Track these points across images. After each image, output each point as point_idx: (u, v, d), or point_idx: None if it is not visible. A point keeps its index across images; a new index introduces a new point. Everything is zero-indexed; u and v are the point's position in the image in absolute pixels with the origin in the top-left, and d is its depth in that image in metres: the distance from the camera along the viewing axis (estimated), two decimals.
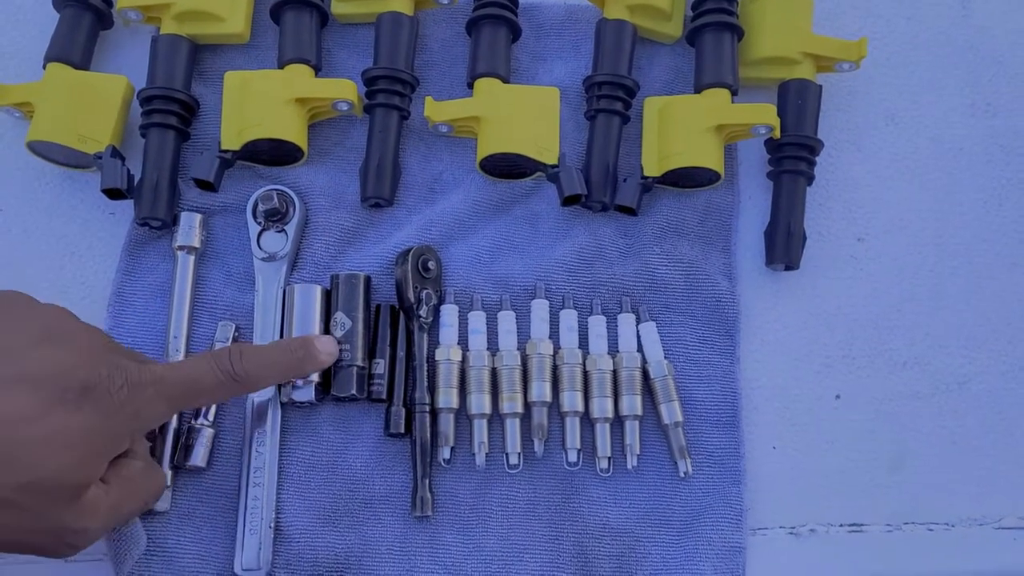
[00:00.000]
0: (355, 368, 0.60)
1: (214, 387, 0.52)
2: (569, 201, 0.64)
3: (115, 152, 0.62)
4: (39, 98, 0.63)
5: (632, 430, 0.61)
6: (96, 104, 0.64)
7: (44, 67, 0.65)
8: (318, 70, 0.66)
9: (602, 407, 0.61)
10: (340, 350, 0.60)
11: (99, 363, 0.48)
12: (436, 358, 0.61)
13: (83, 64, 0.66)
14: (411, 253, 0.62)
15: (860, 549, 0.61)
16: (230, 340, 0.61)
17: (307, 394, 0.60)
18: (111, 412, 0.48)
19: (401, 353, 0.62)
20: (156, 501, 0.55)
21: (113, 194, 0.63)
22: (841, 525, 0.61)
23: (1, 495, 0.45)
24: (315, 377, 0.60)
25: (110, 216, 0.66)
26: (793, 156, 0.66)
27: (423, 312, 0.62)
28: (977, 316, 0.66)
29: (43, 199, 0.66)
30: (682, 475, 0.61)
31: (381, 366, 0.61)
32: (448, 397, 0.60)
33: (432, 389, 0.61)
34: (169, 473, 0.58)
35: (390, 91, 0.65)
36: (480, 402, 0.60)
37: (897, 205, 0.69)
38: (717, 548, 0.60)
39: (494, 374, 0.62)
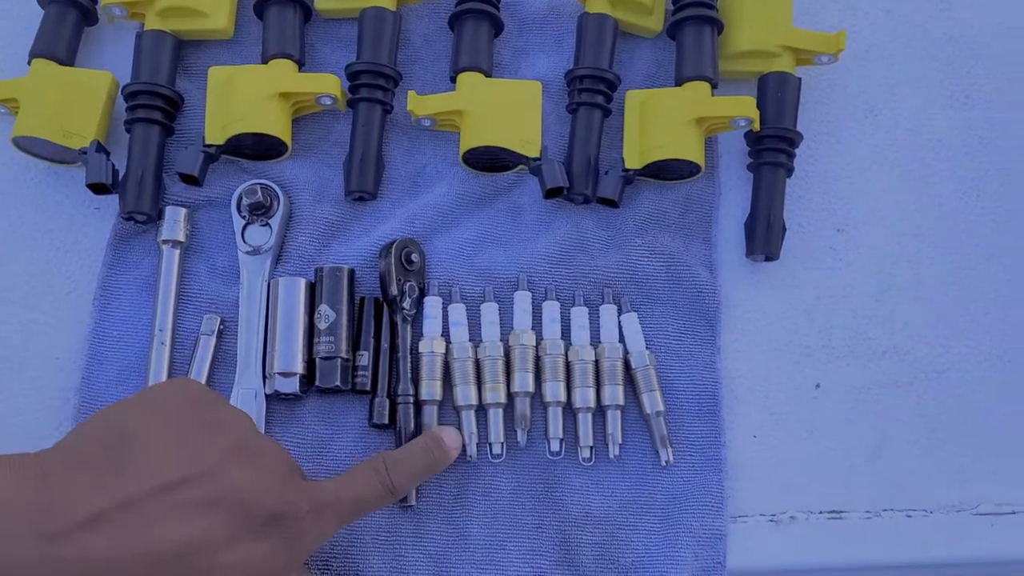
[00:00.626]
0: (339, 360, 0.61)
1: (376, 502, 0.53)
2: (551, 194, 0.65)
3: (100, 147, 0.63)
4: (24, 94, 0.64)
5: (614, 420, 0.62)
6: (81, 100, 0.64)
7: (29, 63, 0.65)
8: (301, 65, 0.67)
9: (584, 397, 0.62)
10: (324, 342, 0.61)
11: (288, 488, 0.47)
12: (420, 350, 0.62)
13: (68, 60, 0.66)
14: (394, 246, 0.63)
15: (840, 536, 0.62)
16: (215, 333, 0.62)
17: (291, 386, 0.60)
18: (295, 539, 0.47)
19: (385, 345, 0.62)
20: None
21: (98, 189, 0.63)
22: (821, 512, 0.62)
23: None
24: (299, 368, 0.60)
25: (95, 211, 0.66)
26: (773, 148, 0.66)
27: (406, 304, 0.62)
28: (955, 306, 0.67)
29: (28, 194, 0.66)
30: (663, 464, 0.62)
31: (365, 358, 0.62)
32: (431, 389, 0.61)
33: (416, 380, 0.61)
34: None
35: (373, 85, 0.66)
36: (466, 393, 0.61)
37: (876, 196, 0.70)
38: (698, 535, 0.60)
39: (477, 365, 0.62)
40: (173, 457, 0.45)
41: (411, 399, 0.61)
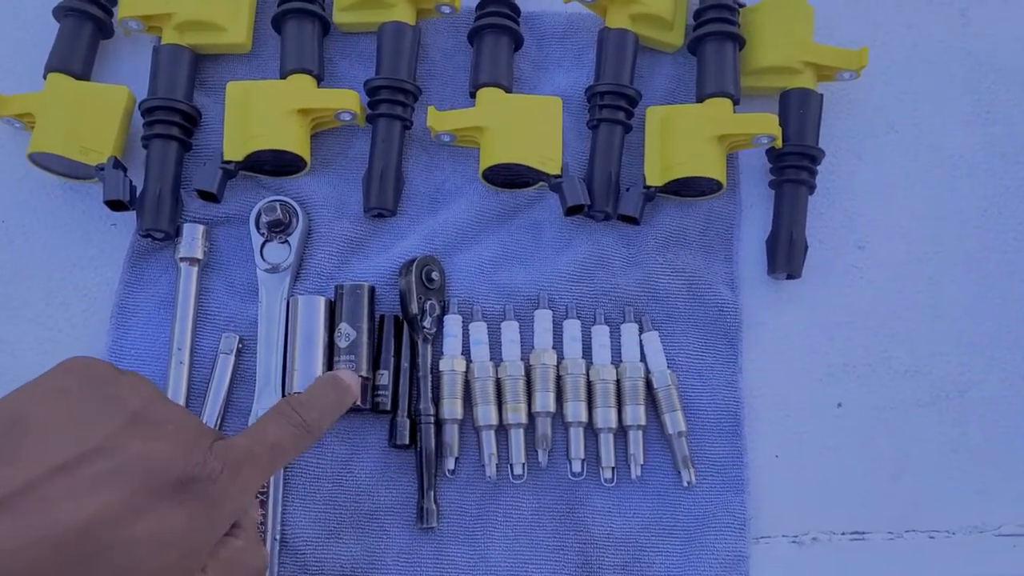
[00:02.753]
0: (359, 379, 0.60)
1: (294, 444, 0.50)
2: (572, 211, 0.64)
3: (117, 163, 0.62)
4: (40, 109, 0.63)
5: (636, 440, 0.61)
6: (97, 115, 0.64)
7: (45, 77, 0.65)
8: (320, 80, 0.66)
9: (606, 417, 0.61)
10: (345, 361, 0.60)
11: (195, 451, 0.45)
12: (440, 368, 0.62)
13: (84, 74, 0.66)
14: (415, 264, 0.62)
15: (862, 557, 0.61)
16: (234, 352, 0.61)
17: None
18: (212, 502, 0.45)
19: (405, 364, 0.62)
20: None
21: (115, 206, 0.62)
22: (843, 533, 0.62)
23: None
24: None
25: (112, 227, 0.65)
26: (794, 165, 0.66)
27: (427, 323, 0.62)
28: (977, 324, 0.67)
29: (44, 210, 0.66)
30: (685, 484, 0.61)
31: (385, 377, 0.61)
32: (452, 408, 0.61)
33: (436, 400, 0.61)
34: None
35: (392, 101, 0.65)
36: (487, 413, 0.61)
37: (898, 213, 0.69)
38: (721, 557, 0.60)
39: (498, 384, 0.62)
40: (68, 436, 0.43)
41: (432, 419, 0.60)
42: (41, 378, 0.47)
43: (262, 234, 0.64)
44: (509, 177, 0.66)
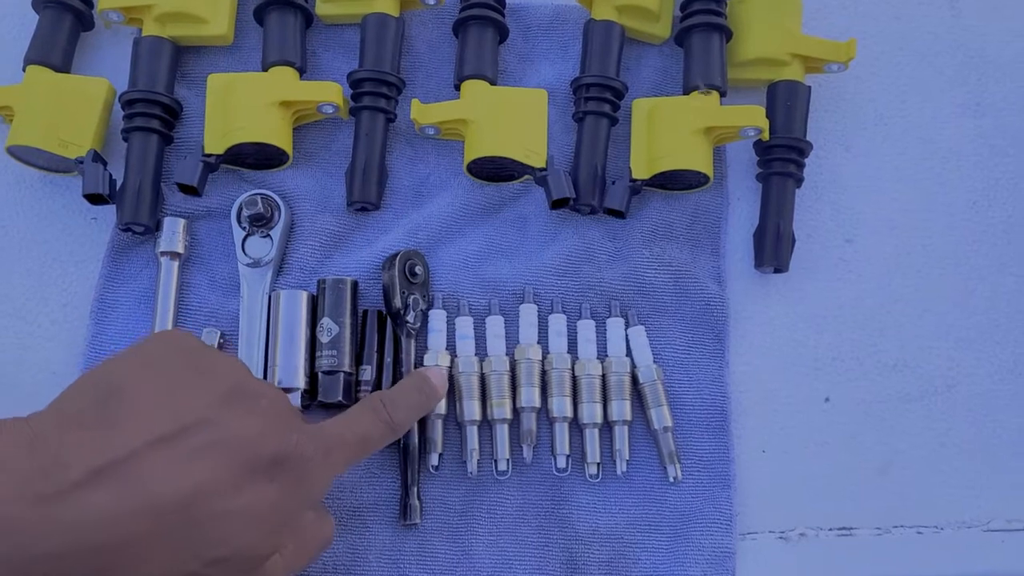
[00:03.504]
0: (342, 374, 0.60)
1: (380, 439, 0.52)
2: (557, 204, 0.64)
3: (97, 156, 0.62)
4: (18, 101, 0.62)
5: (621, 435, 0.61)
6: (77, 107, 0.63)
7: (24, 69, 0.64)
8: (303, 72, 0.66)
9: (591, 412, 0.61)
10: (327, 356, 0.60)
11: (289, 429, 0.46)
12: (424, 363, 0.61)
13: (64, 67, 0.65)
14: (398, 258, 0.61)
15: (849, 553, 0.61)
16: (215, 347, 0.60)
17: (294, 400, 0.59)
18: (302, 483, 0.46)
19: (388, 359, 0.61)
20: (325, 550, 0.52)
21: (95, 199, 0.62)
22: (830, 529, 0.61)
23: (191, 568, 0.43)
24: (301, 384, 0.59)
25: (92, 221, 0.65)
26: (782, 158, 0.65)
27: (410, 317, 0.61)
28: (966, 318, 0.66)
29: (23, 204, 0.65)
30: (671, 480, 0.61)
31: (368, 372, 0.61)
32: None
33: None
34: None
35: (376, 93, 0.64)
36: (471, 408, 0.60)
37: (886, 206, 0.69)
38: (707, 553, 0.59)
39: (483, 380, 0.61)
40: (166, 407, 0.44)
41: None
42: (136, 348, 0.47)
43: (244, 228, 0.63)
44: (494, 170, 0.65)
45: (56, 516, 0.39)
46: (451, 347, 0.62)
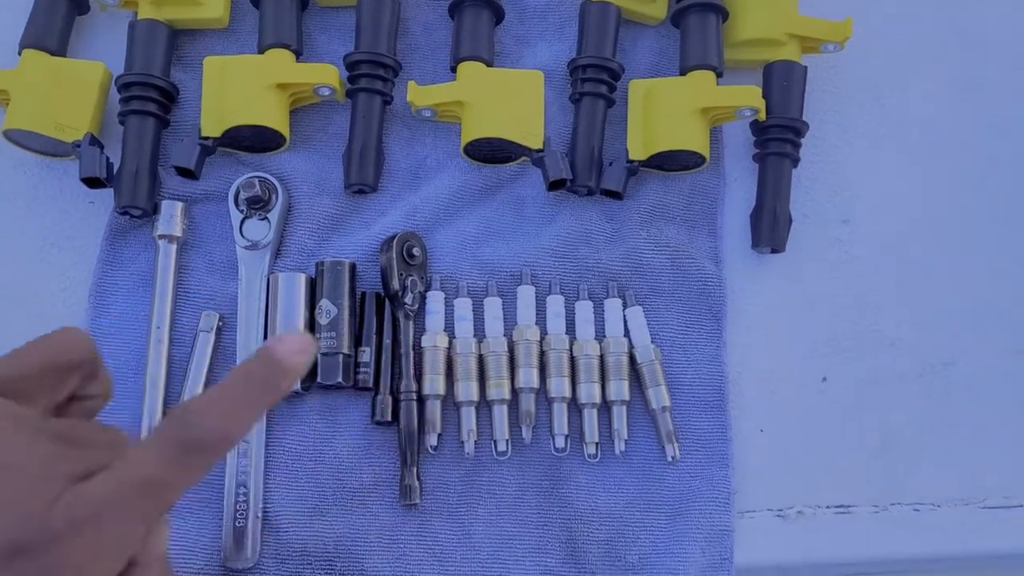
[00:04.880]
0: (341, 356, 0.60)
1: (180, 474, 0.38)
2: (555, 186, 0.64)
3: (94, 140, 0.62)
4: (15, 86, 0.62)
5: (619, 415, 0.61)
6: (73, 91, 0.63)
7: (19, 53, 0.64)
8: (299, 55, 0.66)
9: (589, 393, 0.61)
10: (326, 338, 0.60)
11: (33, 507, 0.35)
12: (422, 345, 0.61)
13: (59, 50, 0.65)
14: (396, 240, 0.62)
15: (847, 530, 0.61)
16: (214, 330, 0.60)
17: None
18: (56, 568, 0.35)
19: (387, 341, 0.61)
20: None
21: (92, 183, 0.62)
22: (828, 507, 0.62)
23: None
24: None
25: (89, 205, 0.65)
26: (778, 138, 0.66)
27: (408, 299, 0.61)
28: (963, 297, 0.66)
29: (20, 188, 0.65)
30: (670, 459, 0.61)
31: (367, 354, 0.61)
32: (434, 384, 0.60)
33: (419, 376, 0.61)
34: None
35: (372, 76, 0.64)
36: (468, 389, 0.60)
37: (882, 186, 0.69)
38: (705, 531, 0.60)
39: (481, 361, 0.61)
40: None
41: (414, 396, 0.60)
42: None
43: (241, 211, 0.63)
44: (491, 152, 0.65)
45: None
46: (449, 328, 0.62)
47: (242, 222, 0.63)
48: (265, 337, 0.61)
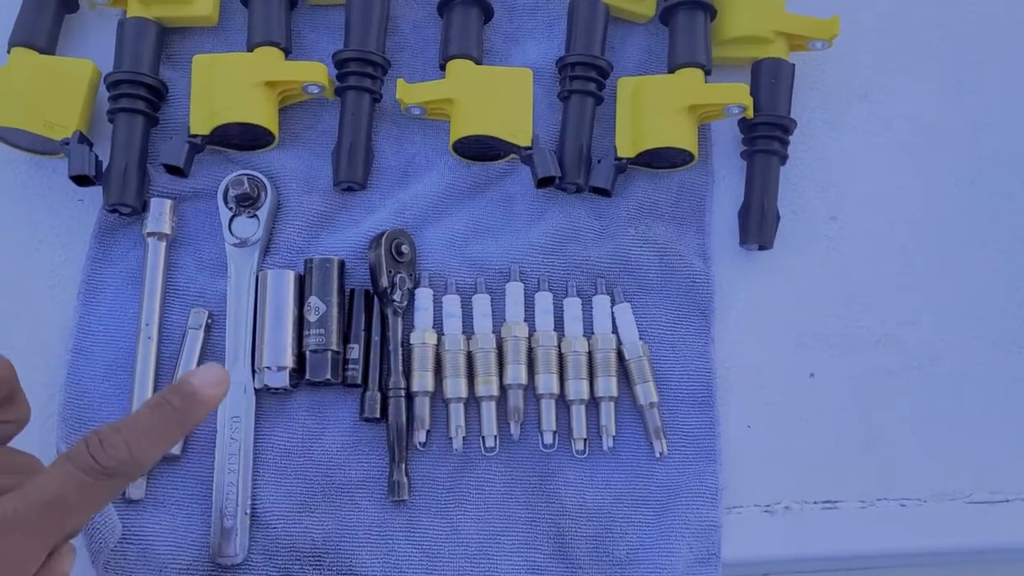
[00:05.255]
0: (330, 353, 0.60)
1: (84, 496, 0.40)
2: (543, 183, 0.64)
3: (82, 138, 0.62)
4: (3, 83, 0.62)
5: (607, 411, 0.61)
6: (62, 89, 0.63)
7: (8, 51, 0.64)
8: (288, 52, 0.66)
9: (577, 389, 0.61)
10: (315, 335, 0.60)
11: None
12: (411, 342, 0.61)
13: (48, 48, 0.65)
14: (384, 237, 0.62)
15: (834, 525, 0.61)
16: (203, 327, 0.61)
17: (281, 380, 0.59)
18: None
19: (376, 337, 0.61)
20: None
21: (81, 181, 0.62)
22: (815, 502, 0.62)
23: None
24: (289, 362, 0.59)
25: (78, 203, 0.65)
26: (766, 136, 0.66)
27: (397, 296, 0.61)
28: (949, 293, 0.67)
29: (9, 186, 0.65)
30: (658, 455, 0.61)
31: (356, 351, 0.61)
32: (423, 380, 0.60)
33: (407, 373, 0.61)
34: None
35: (361, 73, 0.64)
36: (456, 386, 0.60)
37: (870, 183, 0.69)
38: (693, 527, 0.60)
39: (469, 357, 0.61)
40: None
41: (402, 392, 0.60)
42: None
43: (230, 208, 0.63)
44: (480, 150, 0.66)
45: None
46: (438, 325, 0.62)
47: (231, 219, 0.63)
48: (254, 336, 0.61)
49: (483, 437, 0.61)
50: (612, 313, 0.63)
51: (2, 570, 0.38)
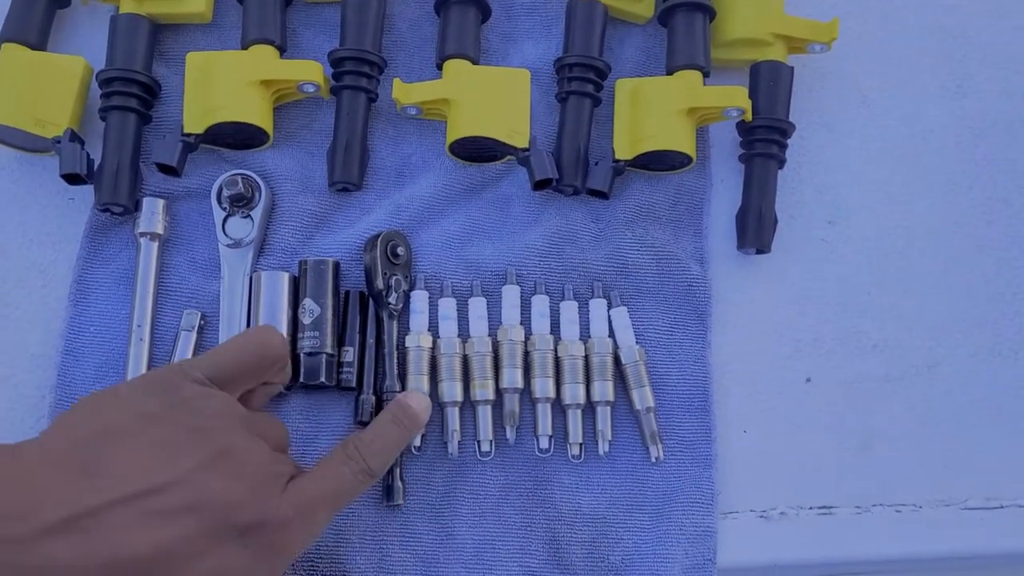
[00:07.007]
0: (324, 356, 0.59)
1: (355, 491, 0.51)
2: (540, 185, 0.64)
3: (74, 136, 0.61)
4: None
5: (604, 416, 0.61)
6: (53, 86, 0.62)
7: None
8: (283, 51, 0.65)
9: (574, 393, 0.61)
10: (309, 337, 0.59)
11: (271, 495, 0.46)
12: (406, 345, 0.61)
13: (39, 45, 0.64)
14: (380, 239, 0.61)
15: (829, 531, 0.61)
16: (195, 329, 0.60)
17: None
18: (277, 548, 0.46)
19: (371, 340, 0.61)
20: None
21: (72, 179, 0.61)
22: (811, 508, 0.62)
23: None
24: None
25: (70, 202, 0.64)
26: (764, 139, 0.65)
27: (392, 299, 0.61)
28: (946, 299, 0.67)
29: None
30: (654, 460, 0.61)
31: (350, 354, 0.60)
32: (418, 384, 0.60)
33: (402, 376, 0.60)
34: None
35: (357, 72, 0.64)
36: (452, 390, 0.60)
37: (868, 187, 0.69)
38: (688, 532, 0.60)
39: (465, 361, 0.61)
40: (150, 462, 0.44)
41: (397, 395, 0.59)
42: (133, 389, 0.48)
43: (224, 208, 0.63)
44: (477, 151, 0.65)
45: (18, 562, 0.40)
46: (433, 328, 0.62)
47: (225, 220, 0.62)
48: None
49: (478, 441, 0.60)
50: (609, 317, 0.63)
51: (304, 543, 0.48)
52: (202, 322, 0.61)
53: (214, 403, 0.47)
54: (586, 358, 0.62)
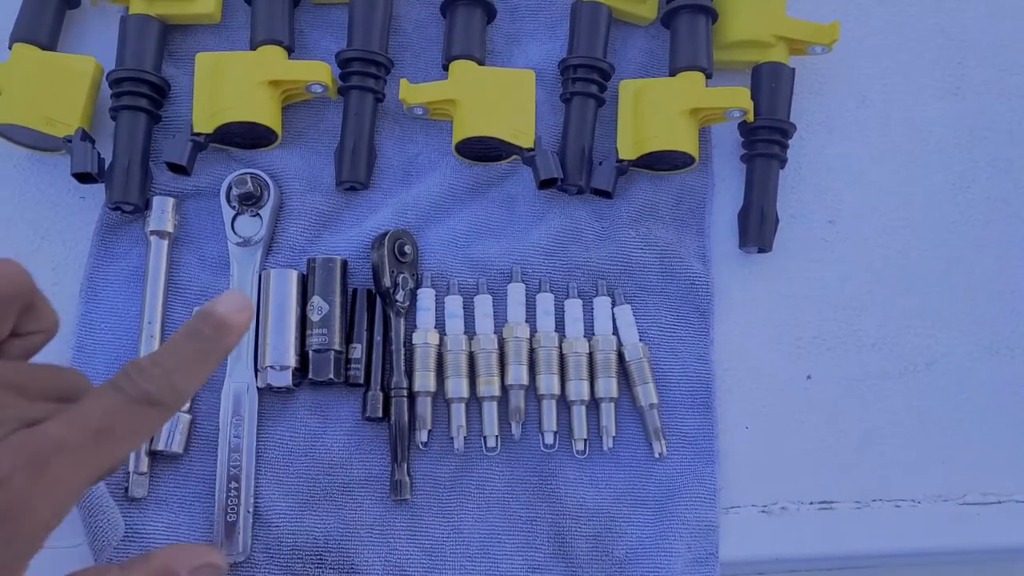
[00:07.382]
0: (332, 352, 0.60)
1: (133, 425, 0.38)
2: (545, 184, 0.64)
3: (85, 135, 0.61)
4: (5, 80, 0.62)
5: (608, 412, 0.62)
6: (64, 86, 0.63)
7: (9, 47, 0.63)
8: (291, 51, 0.66)
9: (578, 390, 0.61)
10: (317, 334, 0.60)
11: None
12: (413, 342, 0.62)
13: (50, 45, 0.65)
14: (387, 237, 0.62)
15: (830, 526, 0.62)
16: None
17: (284, 379, 0.60)
18: (10, 510, 0.34)
19: (378, 337, 0.62)
20: None
21: (83, 178, 0.62)
22: (811, 503, 0.63)
23: None
24: (292, 361, 0.60)
25: (80, 200, 0.65)
26: (766, 139, 0.66)
27: (400, 296, 0.62)
28: (945, 297, 0.68)
29: (10, 183, 0.65)
30: (657, 456, 0.62)
31: (358, 350, 0.61)
32: (425, 380, 0.61)
33: (409, 373, 0.61)
34: (146, 459, 0.58)
35: (364, 73, 0.64)
36: (458, 386, 0.61)
37: (868, 187, 0.70)
38: (691, 527, 0.61)
39: (471, 358, 0.62)
40: None
41: (404, 392, 0.60)
42: None
43: (233, 207, 0.63)
44: (482, 150, 0.66)
45: None
46: (440, 325, 0.63)
47: (234, 218, 0.63)
48: (256, 335, 0.61)
49: (484, 437, 0.61)
50: (613, 314, 0.64)
51: (46, 503, 0.35)
52: None
53: None
54: (590, 355, 0.63)
